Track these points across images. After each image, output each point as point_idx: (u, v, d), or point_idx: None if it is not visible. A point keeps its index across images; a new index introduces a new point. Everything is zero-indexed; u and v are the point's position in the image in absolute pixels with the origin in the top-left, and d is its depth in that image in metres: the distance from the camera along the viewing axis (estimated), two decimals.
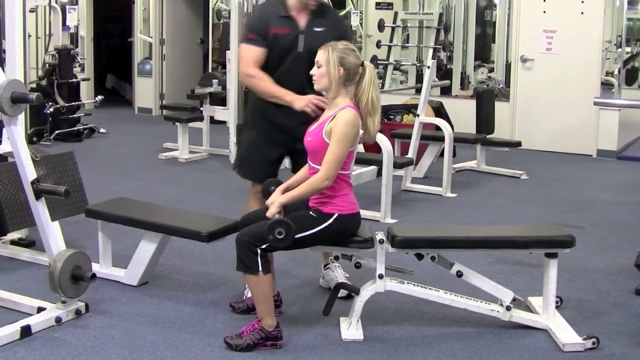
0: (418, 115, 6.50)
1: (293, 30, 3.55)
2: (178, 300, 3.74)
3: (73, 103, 8.63)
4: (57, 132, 8.26)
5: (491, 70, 10.21)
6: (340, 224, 3.25)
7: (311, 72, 3.27)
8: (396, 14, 10.07)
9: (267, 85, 3.52)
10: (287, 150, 3.71)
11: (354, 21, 10.48)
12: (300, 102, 3.43)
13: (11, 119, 3.28)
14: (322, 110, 3.37)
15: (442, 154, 6.50)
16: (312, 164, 3.26)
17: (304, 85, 3.50)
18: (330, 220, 3.21)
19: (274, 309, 3.27)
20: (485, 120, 7.18)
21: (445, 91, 9.26)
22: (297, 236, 3.11)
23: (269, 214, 3.15)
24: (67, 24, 9.55)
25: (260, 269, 3.11)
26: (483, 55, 10.32)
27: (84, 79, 9.43)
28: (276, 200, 3.19)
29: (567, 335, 3.32)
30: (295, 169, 3.67)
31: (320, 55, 3.23)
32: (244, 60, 3.62)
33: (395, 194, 5.73)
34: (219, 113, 7.72)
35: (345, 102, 3.22)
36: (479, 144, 7.12)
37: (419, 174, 6.71)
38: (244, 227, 3.30)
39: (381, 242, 3.32)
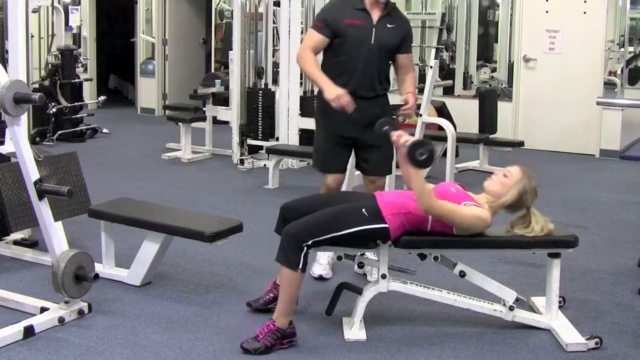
0: (421, 115, 6.49)
1: (366, 22, 3.78)
2: (181, 301, 3.74)
3: (76, 103, 8.63)
4: (59, 132, 8.27)
5: (494, 70, 10.19)
6: (376, 234, 3.25)
7: (497, 173, 3.39)
8: None
9: (311, 68, 3.79)
10: (349, 144, 3.89)
11: None
12: (331, 94, 3.62)
13: (14, 120, 3.28)
14: (345, 109, 3.52)
15: (444, 154, 6.50)
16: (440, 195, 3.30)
17: (366, 75, 3.77)
18: (376, 226, 3.20)
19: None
20: (488, 120, 7.17)
21: (448, 91, 9.26)
22: (337, 234, 3.14)
23: (402, 140, 3.22)
24: (70, 24, 9.53)
25: (300, 265, 3.11)
26: (486, 55, 10.29)
27: (86, 79, 9.43)
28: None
29: (570, 335, 3.32)
30: (359, 164, 3.93)
31: (516, 171, 3.34)
32: (303, 43, 3.96)
33: None
34: (222, 113, 7.75)
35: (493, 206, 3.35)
36: (482, 143, 7.10)
37: (422, 174, 6.69)
38: (284, 214, 3.36)
39: (384, 241, 3.32)
